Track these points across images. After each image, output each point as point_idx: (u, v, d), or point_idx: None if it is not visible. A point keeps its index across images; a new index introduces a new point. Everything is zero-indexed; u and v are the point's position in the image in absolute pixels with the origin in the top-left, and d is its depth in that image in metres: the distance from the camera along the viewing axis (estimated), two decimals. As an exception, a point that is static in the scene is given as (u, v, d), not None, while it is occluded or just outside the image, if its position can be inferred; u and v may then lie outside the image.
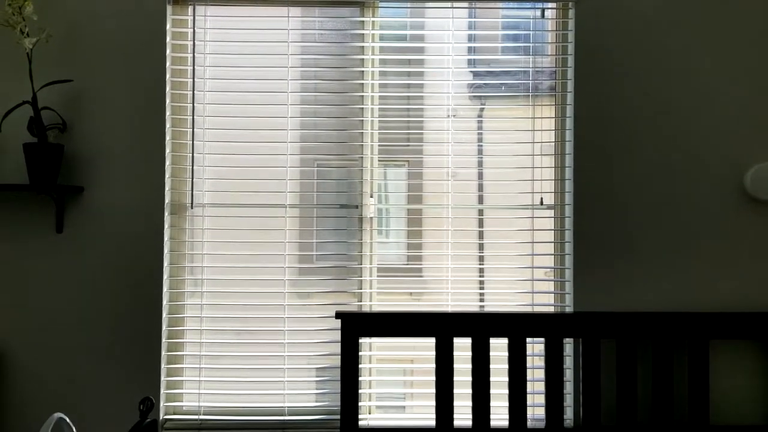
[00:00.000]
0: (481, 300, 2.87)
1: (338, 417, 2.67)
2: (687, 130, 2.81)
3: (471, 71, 2.95)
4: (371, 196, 2.88)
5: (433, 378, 2.64)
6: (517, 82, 2.93)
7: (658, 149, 2.80)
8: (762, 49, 2.82)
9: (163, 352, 2.78)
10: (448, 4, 2.88)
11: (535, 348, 2.79)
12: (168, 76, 2.81)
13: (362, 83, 2.89)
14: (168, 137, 2.81)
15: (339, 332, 2.61)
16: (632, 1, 2.82)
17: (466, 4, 2.91)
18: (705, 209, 2.80)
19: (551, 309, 2.87)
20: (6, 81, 2.71)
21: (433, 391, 2.64)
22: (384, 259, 2.91)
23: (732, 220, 2.80)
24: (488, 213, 2.91)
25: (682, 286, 2.79)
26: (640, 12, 2.82)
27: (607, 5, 2.82)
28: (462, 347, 2.65)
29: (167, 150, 2.80)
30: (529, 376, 2.66)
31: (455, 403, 2.63)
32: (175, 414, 2.82)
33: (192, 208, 2.84)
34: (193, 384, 2.82)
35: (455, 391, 2.63)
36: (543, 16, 2.91)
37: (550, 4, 2.89)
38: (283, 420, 2.79)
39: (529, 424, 2.67)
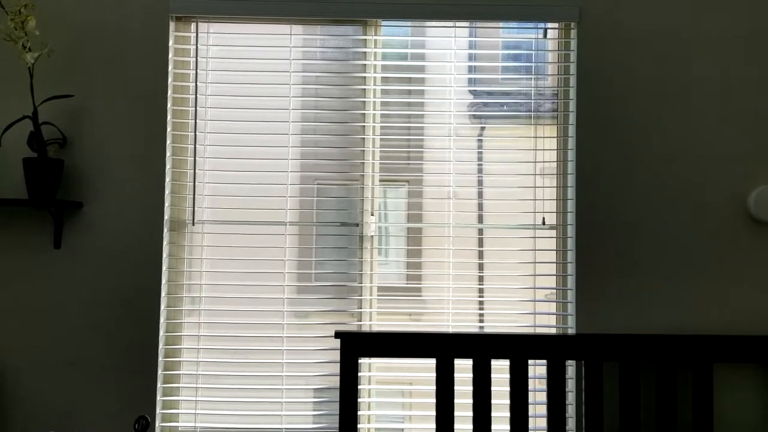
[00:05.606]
0: (482, 321, 2.84)
1: (336, 439, 2.63)
2: (690, 151, 2.80)
3: (472, 91, 2.95)
4: (372, 215, 2.86)
5: (434, 400, 2.60)
6: (519, 102, 2.92)
7: (660, 170, 2.79)
8: (765, 70, 2.82)
9: (160, 371, 2.75)
10: (450, 23, 2.88)
11: (537, 370, 2.75)
12: (170, 92, 2.81)
13: (363, 101, 2.89)
14: (169, 153, 2.80)
15: (338, 352, 2.58)
16: (633, 21, 2.83)
17: (467, 24, 2.91)
18: (708, 231, 2.78)
19: (553, 330, 2.84)
20: (7, 95, 2.70)
21: (434, 413, 2.60)
22: (384, 278, 2.89)
23: (735, 241, 2.78)
24: (489, 233, 2.89)
25: (686, 309, 2.76)
26: (642, 32, 2.82)
27: (608, 26, 2.82)
28: (463, 369, 2.62)
29: (167, 166, 2.79)
30: (530, 399, 2.62)
31: (456, 426, 2.59)
32: (170, 434, 2.78)
33: (194, 225, 2.82)
34: (189, 403, 2.78)
35: (456, 413, 2.59)
36: (545, 36, 2.91)
37: (551, 24, 2.89)
38: (281, 441, 2.76)
39: (531, 447, 2.63)
